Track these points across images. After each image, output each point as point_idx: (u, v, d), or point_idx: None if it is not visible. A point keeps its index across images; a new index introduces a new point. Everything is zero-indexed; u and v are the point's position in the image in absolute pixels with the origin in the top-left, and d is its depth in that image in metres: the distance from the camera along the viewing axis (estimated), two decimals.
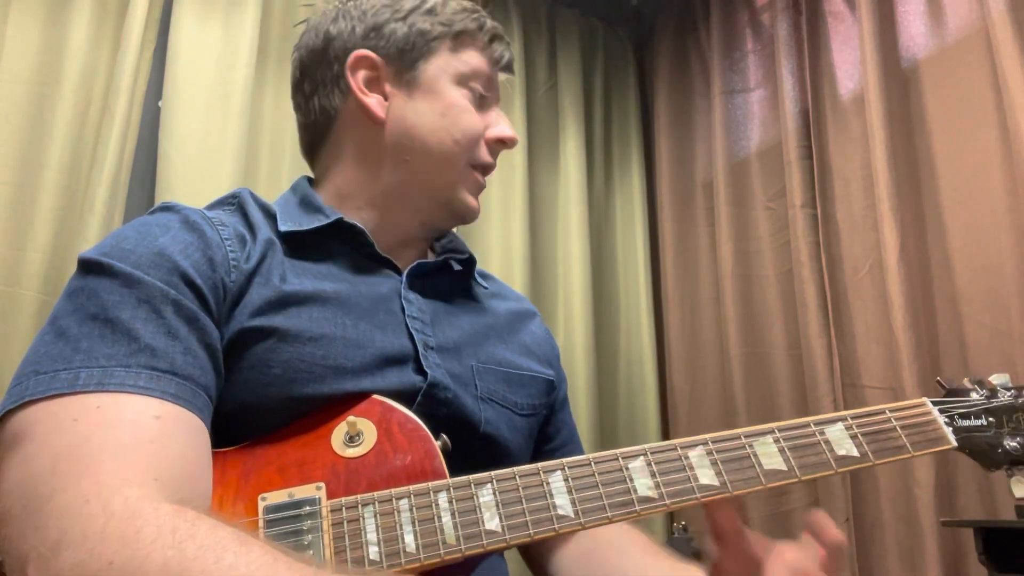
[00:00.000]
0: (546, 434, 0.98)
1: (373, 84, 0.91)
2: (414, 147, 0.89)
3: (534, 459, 0.94)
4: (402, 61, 0.91)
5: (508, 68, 0.97)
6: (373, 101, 0.90)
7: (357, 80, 0.90)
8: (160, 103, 2.08)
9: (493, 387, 0.87)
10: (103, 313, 0.66)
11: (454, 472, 0.70)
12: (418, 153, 0.89)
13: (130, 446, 0.59)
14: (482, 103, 0.93)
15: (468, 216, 0.94)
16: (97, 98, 2.01)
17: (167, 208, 0.81)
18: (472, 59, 0.93)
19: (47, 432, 0.59)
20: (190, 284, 0.71)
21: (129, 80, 1.97)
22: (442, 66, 0.91)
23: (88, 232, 1.82)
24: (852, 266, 2.15)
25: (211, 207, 0.86)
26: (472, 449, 0.81)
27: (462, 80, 0.91)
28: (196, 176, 2.01)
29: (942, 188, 1.95)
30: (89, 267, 0.71)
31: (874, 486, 1.99)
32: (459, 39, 0.92)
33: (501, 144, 0.94)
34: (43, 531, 0.53)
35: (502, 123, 0.94)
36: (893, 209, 1.98)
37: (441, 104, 0.90)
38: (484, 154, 0.93)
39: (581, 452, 1.02)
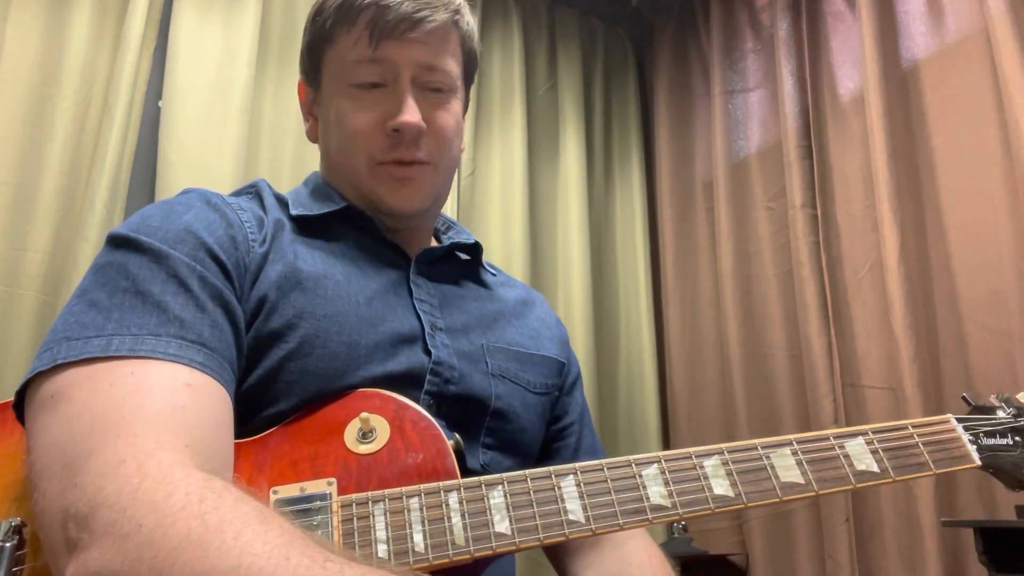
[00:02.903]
0: (555, 414, 0.99)
1: (311, 108, 0.95)
2: (329, 164, 0.92)
3: (544, 438, 0.95)
4: (311, 82, 0.94)
5: (401, 27, 0.83)
6: (307, 126, 0.96)
7: (303, 108, 0.97)
8: (160, 103, 2.08)
9: (504, 365, 0.88)
10: (133, 286, 0.68)
11: (472, 450, 0.69)
12: (333, 168, 0.92)
13: (163, 411, 0.60)
14: (382, 89, 0.85)
15: (395, 211, 0.87)
16: (97, 98, 2.00)
17: (188, 191, 0.83)
18: (346, 50, 0.85)
19: (84, 394, 0.60)
20: (215, 259, 0.73)
21: (129, 80, 1.96)
22: (330, 75, 0.89)
23: (88, 232, 1.82)
24: (852, 266, 2.15)
25: (231, 195, 0.88)
26: (486, 426, 0.82)
27: (343, 80, 0.86)
28: (196, 176, 2.00)
29: (942, 188, 1.95)
30: (118, 242, 0.72)
31: (874, 486, 1.98)
32: (333, 35, 0.87)
33: (398, 133, 0.84)
34: (81, 488, 0.55)
35: (396, 108, 0.84)
36: (893, 209, 1.98)
37: (331, 118, 0.89)
38: (384, 148, 0.85)
39: (591, 432, 1.04)
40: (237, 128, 2.09)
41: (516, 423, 0.86)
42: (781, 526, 2.23)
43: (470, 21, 0.92)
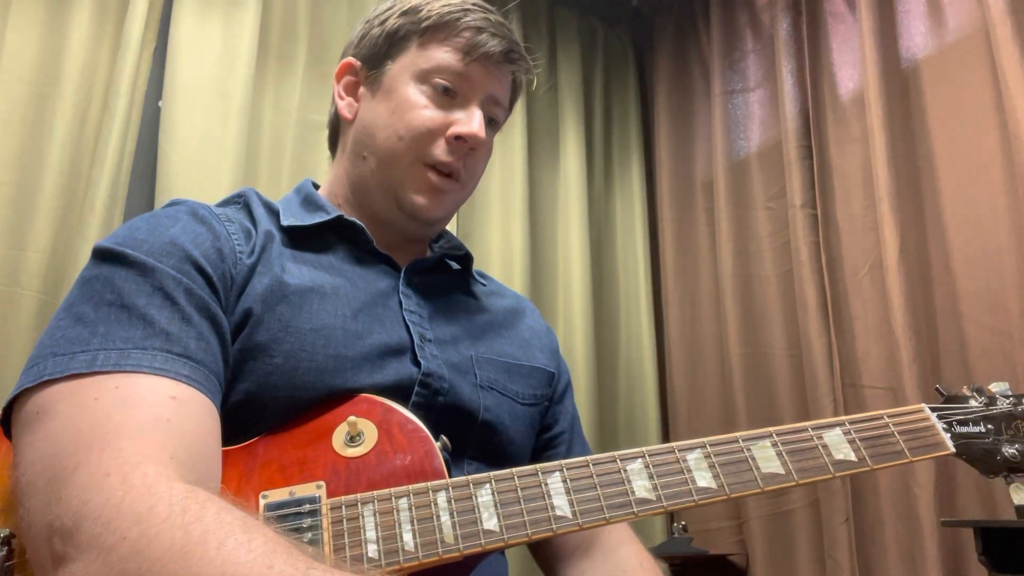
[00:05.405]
0: (545, 423, 0.99)
1: (352, 88, 0.96)
2: (368, 144, 0.91)
3: (534, 448, 0.95)
4: (372, 63, 0.94)
5: (493, 59, 0.90)
6: (344, 103, 0.96)
7: (339, 86, 0.97)
8: (160, 103, 2.08)
9: (493, 376, 0.89)
10: (119, 300, 0.68)
11: (458, 461, 0.69)
12: (371, 150, 0.91)
13: (148, 424, 0.61)
14: (452, 99, 0.90)
15: (419, 215, 0.90)
16: (97, 98, 2.01)
17: (175, 203, 0.83)
18: (437, 54, 0.90)
19: (70, 410, 0.61)
20: (201, 272, 0.73)
21: (129, 80, 1.97)
22: (406, 64, 0.91)
23: (88, 232, 1.82)
24: (852, 266, 2.15)
25: (218, 205, 0.88)
26: (474, 438, 0.82)
27: (422, 76, 0.89)
28: (196, 176, 2.01)
29: (942, 188, 1.95)
30: (104, 256, 0.72)
31: (874, 487, 1.99)
32: (427, 35, 0.91)
33: (460, 141, 0.88)
34: (66, 502, 0.55)
35: (467, 119, 0.89)
36: (893, 209, 1.98)
37: (394, 102, 0.90)
38: (438, 151, 0.88)
39: (581, 441, 1.04)
40: (237, 128, 2.09)
41: (504, 435, 0.86)
42: (781, 526, 2.23)
43: (526, 84, 1.01)
